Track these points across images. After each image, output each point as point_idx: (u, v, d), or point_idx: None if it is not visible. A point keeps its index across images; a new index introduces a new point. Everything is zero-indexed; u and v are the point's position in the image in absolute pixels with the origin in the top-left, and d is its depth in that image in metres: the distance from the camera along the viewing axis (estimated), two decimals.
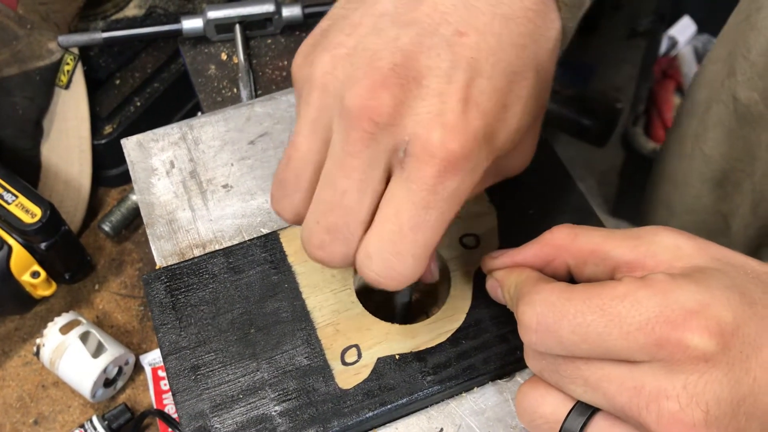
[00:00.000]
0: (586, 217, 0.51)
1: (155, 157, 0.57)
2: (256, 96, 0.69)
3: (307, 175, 0.39)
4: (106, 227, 0.84)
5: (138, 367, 0.79)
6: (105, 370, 0.74)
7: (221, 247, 0.52)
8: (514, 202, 0.52)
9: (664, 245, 0.38)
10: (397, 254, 0.37)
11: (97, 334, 0.75)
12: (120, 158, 0.58)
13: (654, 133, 1.62)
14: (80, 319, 0.77)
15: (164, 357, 0.47)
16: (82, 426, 0.73)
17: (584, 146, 1.24)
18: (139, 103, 0.90)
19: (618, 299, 0.35)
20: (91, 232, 0.88)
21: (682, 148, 0.64)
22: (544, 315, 0.36)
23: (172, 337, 0.47)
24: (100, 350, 0.75)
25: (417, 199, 0.36)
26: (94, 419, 0.73)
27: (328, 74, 0.37)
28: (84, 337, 0.75)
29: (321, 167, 0.38)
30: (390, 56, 0.36)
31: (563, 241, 0.41)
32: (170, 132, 0.58)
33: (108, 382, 0.76)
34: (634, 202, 1.75)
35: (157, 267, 0.51)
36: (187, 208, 0.54)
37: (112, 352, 0.75)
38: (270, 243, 0.51)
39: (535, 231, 0.51)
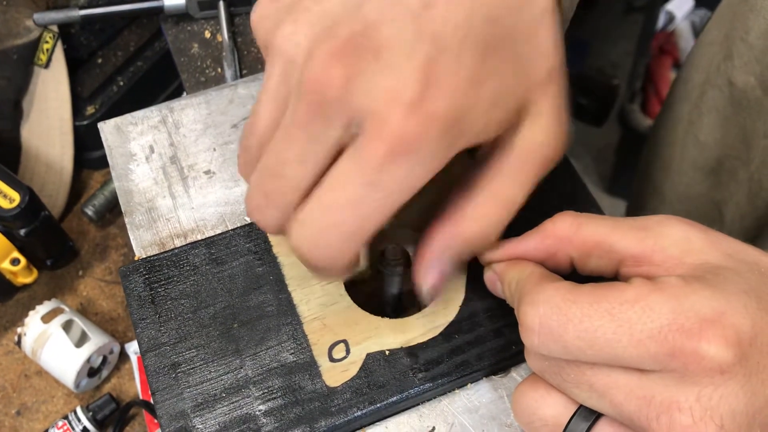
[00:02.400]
0: (584, 205, 0.49)
1: (134, 141, 0.54)
2: (241, 76, 0.66)
3: (266, 144, 0.37)
4: (89, 211, 0.82)
5: (123, 356, 0.76)
6: (89, 360, 0.72)
7: (203, 236, 0.50)
8: None
9: (673, 238, 0.36)
10: (330, 226, 0.35)
11: (80, 323, 0.73)
12: None
13: (650, 110, 1.60)
14: (63, 306, 0.74)
15: (143, 354, 0.45)
16: (65, 417, 0.71)
17: (580, 123, 1.22)
18: (122, 83, 0.87)
19: (628, 304, 0.33)
20: (74, 216, 0.85)
21: (675, 133, 0.61)
22: (548, 317, 0.34)
23: (151, 333, 0.45)
24: (84, 339, 0.73)
25: (363, 174, 0.34)
26: (78, 410, 0.71)
27: (289, 41, 0.35)
28: (67, 326, 0.73)
29: None
30: (350, 24, 0.34)
31: (566, 232, 0.39)
32: (149, 115, 0.55)
33: (92, 372, 0.74)
34: (630, 179, 1.73)
35: (135, 258, 0.49)
36: (168, 196, 0.52)
37: (96, 341, 0.72)
38: (254, 233, 0.48)
39: (531, 219, 0.49)
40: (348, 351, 0.44)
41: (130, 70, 0.87)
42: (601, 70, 1.58)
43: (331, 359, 0.44)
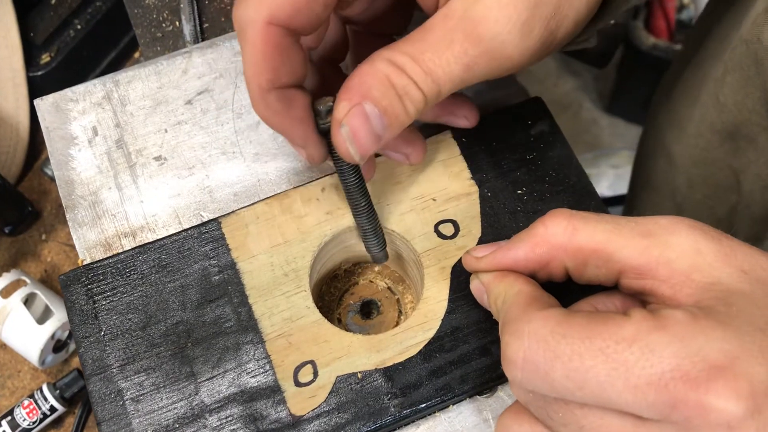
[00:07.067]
0: (584, 198, 0.43)
1: (75, 121, 0.48)
2: (202, 31, 0.59)
3: None
4: (50, 171, 0.76)
5: None
6: (53, 336, 0.67)
7: (154, 235, 0.44)
8: (500, 181, 0.44)
9: (681, 249, 0.31)
10: None
11: (42, 297, 0.68)
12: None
13: (654, 27, 1.51)
14: (24, 278, 0.69)
15: (87, 378, 0.40)
16: (31, 396, 0.67)
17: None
18: (80, 26, 0.79)
19: (625, 343, 0.29)
20: (34, 174, 0.79)
21: (699, 94, 0.55)
22: (533, 352, 0.30)
23: (95, 354, 0.40)
24: (48, 314, 0.68)
25: None
26: (45, 388, 0.67)
27: None
28: (29, 300, 0.68)
29: None
30: None
31: (560, 239, 0.34)
32: (92, 90, 0.49)
33: (59, 346, 0.69)
34: (631, 99, 1.65)
35: (79, 262, 0.44)
36: (114, 187, 0.46)
37: (60, 315, 0.68)
38: (209, 234, 0.43)
39: (525, 216, 0.43)
40: (316, 373, 0.39)
41: (89, 11, 0.79)
42: None
43: (297, 383, 0.39)
